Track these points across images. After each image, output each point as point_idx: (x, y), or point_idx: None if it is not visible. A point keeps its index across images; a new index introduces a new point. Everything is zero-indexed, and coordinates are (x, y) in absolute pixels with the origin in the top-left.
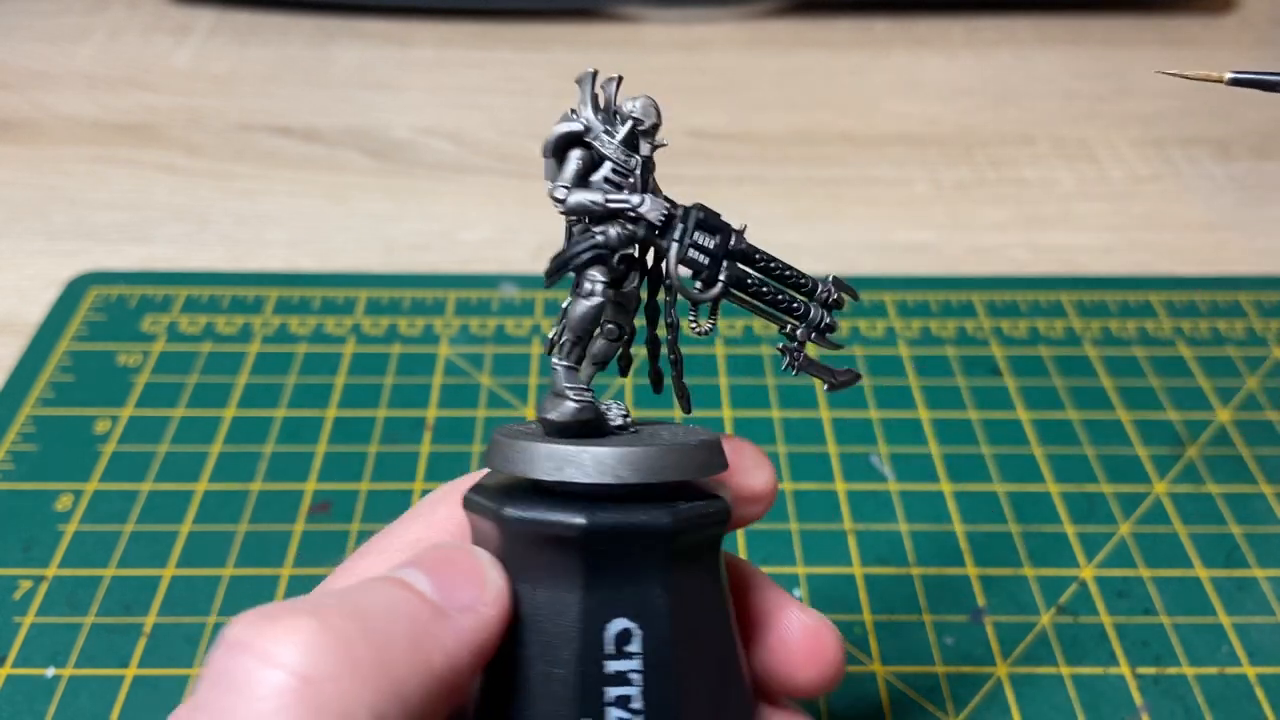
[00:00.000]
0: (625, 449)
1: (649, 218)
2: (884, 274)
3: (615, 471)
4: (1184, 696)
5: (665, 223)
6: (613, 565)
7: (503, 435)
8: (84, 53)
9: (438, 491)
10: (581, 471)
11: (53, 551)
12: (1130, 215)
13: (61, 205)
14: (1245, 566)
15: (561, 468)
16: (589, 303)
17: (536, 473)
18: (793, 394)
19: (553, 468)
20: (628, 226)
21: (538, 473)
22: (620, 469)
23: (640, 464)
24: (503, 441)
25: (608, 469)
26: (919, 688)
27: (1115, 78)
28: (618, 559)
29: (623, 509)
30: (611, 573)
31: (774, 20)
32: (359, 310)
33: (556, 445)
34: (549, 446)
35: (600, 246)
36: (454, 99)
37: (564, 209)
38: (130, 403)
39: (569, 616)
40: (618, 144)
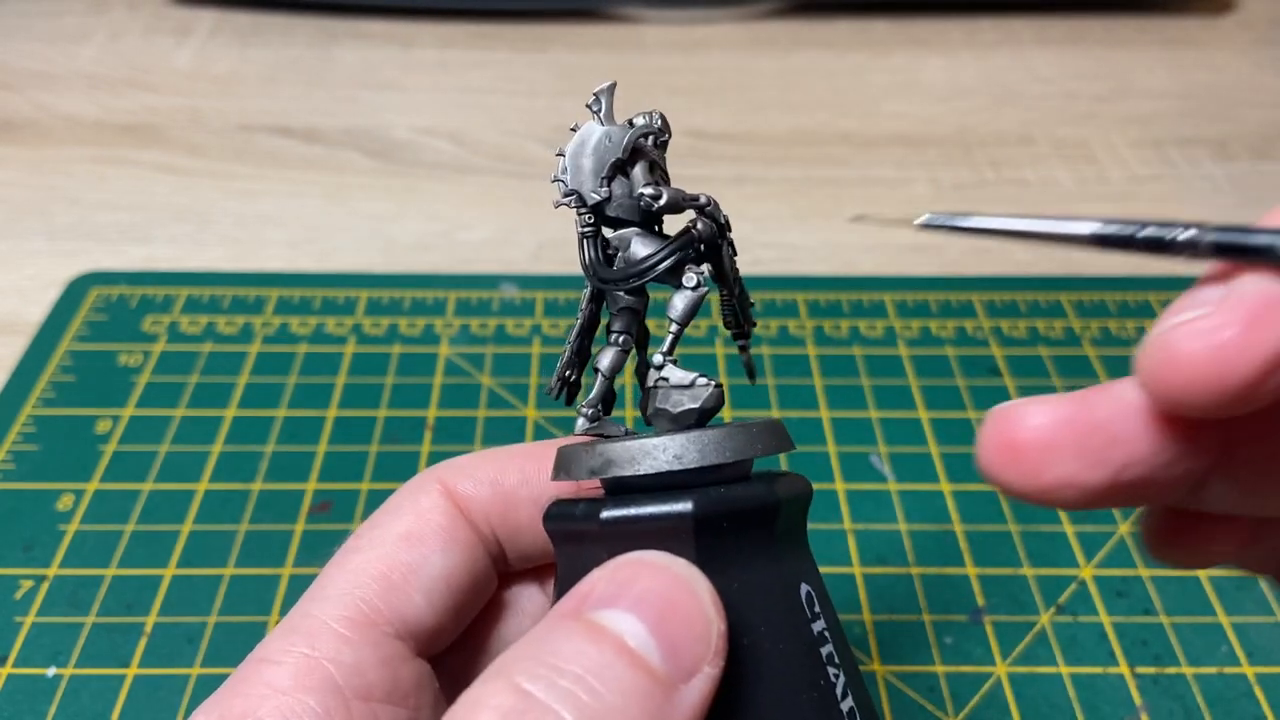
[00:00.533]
0: (729, 429)
1: (716, 215)
2: (884, 274)
3: (746, 448)
4: (1183, 696)
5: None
6: (785, 534)
7: (588, 440)
8: (85, 53)
9: (414, 482)
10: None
11: (54, 551)
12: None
13: (63, 205)
14: None
15: (722, 450)
16: (698, 293)
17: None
18: (793, 394)
19: (713, 452)
20: (709, 221)
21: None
22: (752, 445)
23: (759, 440)
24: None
25: (745, 445)
26: (919, 687)
27: (1114, 78)
28: (788, 528)
29: (772, 480)
30: (786, 541)
31: (774, 20)
32: (359, 310)
33: (700, 432)
34: (694, 434)
35: (696, 240)
36: (454, 99)
37: (663, 204)
38: (131, 403)
39: (775, 592)
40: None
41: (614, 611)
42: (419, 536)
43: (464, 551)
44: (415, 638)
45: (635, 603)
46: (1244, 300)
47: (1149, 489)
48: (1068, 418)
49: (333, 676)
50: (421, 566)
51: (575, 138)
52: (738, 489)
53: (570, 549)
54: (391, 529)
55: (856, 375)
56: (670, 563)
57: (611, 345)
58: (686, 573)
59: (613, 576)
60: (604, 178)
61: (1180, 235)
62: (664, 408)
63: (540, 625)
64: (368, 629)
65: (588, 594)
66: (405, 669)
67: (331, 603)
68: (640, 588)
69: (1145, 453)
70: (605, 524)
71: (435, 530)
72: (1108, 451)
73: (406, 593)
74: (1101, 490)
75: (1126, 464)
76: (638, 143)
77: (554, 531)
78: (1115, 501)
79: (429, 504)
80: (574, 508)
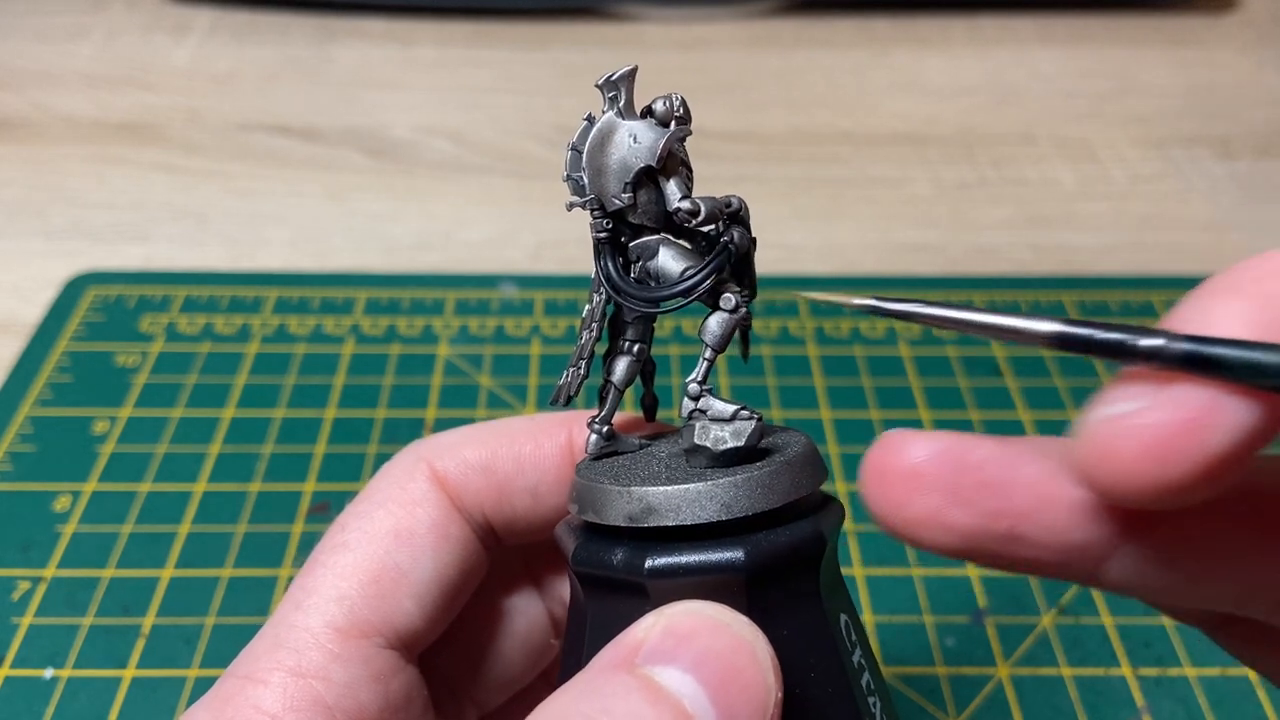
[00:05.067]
0: (776, 470)
1: (747, 219)
2: (884, 274)
3: (793, 490)
4: (1185, 698)
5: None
6: (826, 567)
7: (646, 485)
8: (83, 52)
9: (399, 465)
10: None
11: (51, 552)
12: (1131, 215)
13: (60, 205)
14: None
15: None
16: (736, 315)
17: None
18: (793, 394)
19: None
20: (744, 230)
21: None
22: (797, 485)
23: (803, 477)
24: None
25: (792, 487)
26: (920, 689)
27: (1117, 77)
28: (828, 559)
29: (817, 515)
30: (827, 574)
31: (774, 19)
32: (358, 310)
33: (747, 477)
34: (741, 479)
35: (732, 255)
36: (454, 98)
37: (701, 220)
38: (129, 403)
39: (822, 634)
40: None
41: (672, 670)
42: (409, 533)
43: (456, 548)
44: (406, 645)
45: (695, 664)
46: (1186, 397)
47: (1028, 550)
48: (943, 452)
49: (322, 698)
50: (413, 569)
51: (593, 133)
52: (787, 532)
53: (604, 593)
54: (380, 523)
55: (857, 375)
56: (731, 621)
57: (625, 354)
58: (749, 635)
59: (669, 628)
60: (629, 184)
61: (1143, 341)
62: (704, 444)
63: (591, 673)
64: (358, 642)
65: (640, 644)
66: (396, 682)
67: (318, 611)
68: (700, 646)
69: (1022, 508)
70: (651, 574)
71: (427, 527)
72: (977, 495)
73: (397, 599)
74: (968, 534)
75: (998, 513)
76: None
77: (585, 575)
78: (989, 555)
79: (419, 493)
80: (610, 553)
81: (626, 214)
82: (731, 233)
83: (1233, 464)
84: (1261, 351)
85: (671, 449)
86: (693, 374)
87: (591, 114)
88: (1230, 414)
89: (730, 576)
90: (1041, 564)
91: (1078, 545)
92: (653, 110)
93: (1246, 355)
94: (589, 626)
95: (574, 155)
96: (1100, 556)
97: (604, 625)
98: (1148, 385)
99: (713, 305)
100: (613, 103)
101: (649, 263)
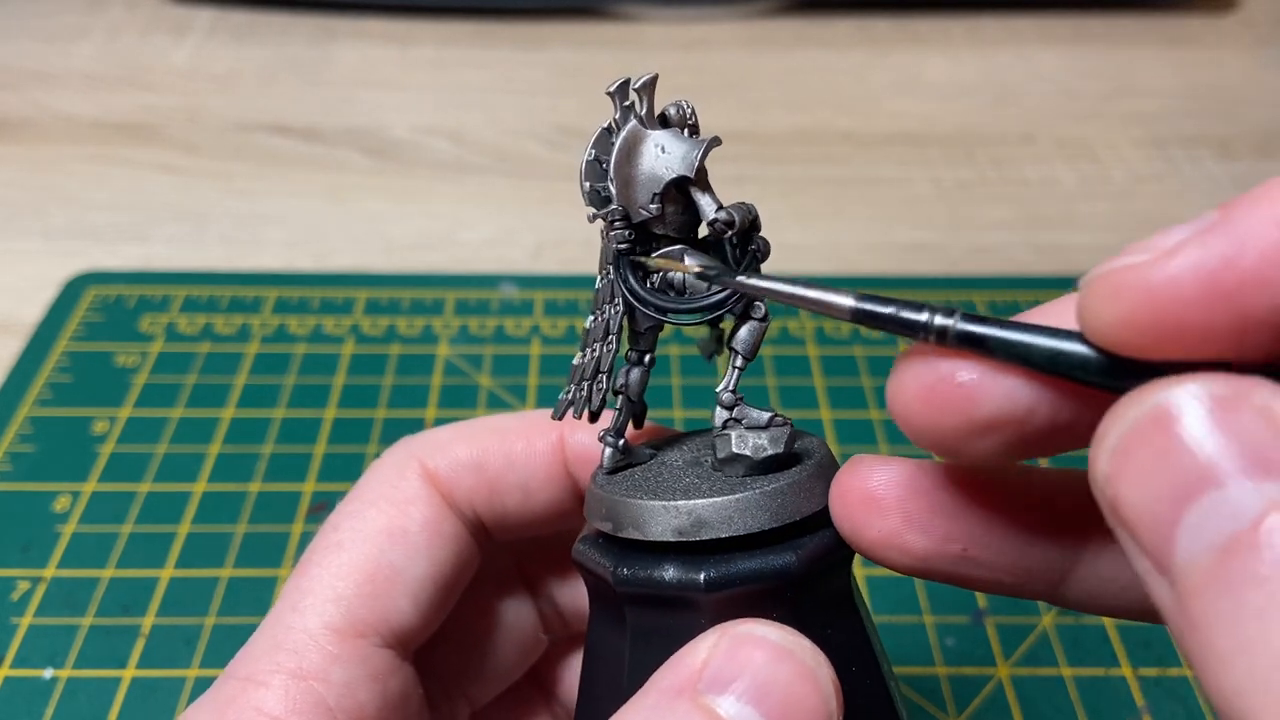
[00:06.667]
0: (812, 474)
1: (760, 225)
2: (885, 274)
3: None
4: (1185, 698)
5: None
6: (853, 575)
7: (693, 499)
8: (82, 52)
9: (390, 462)
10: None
11: (51, 552)
12: (1132, 215)
13: (59, 205)
14: None
15: (813, 498)
16: (764, 324)
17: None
18: (793, 394)
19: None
20: (763, 237)
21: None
22: (826, 490)
23: (828, 482)
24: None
25: (828, 486)
26: (920, 689)
27: (1117, 77)
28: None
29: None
30: (853, 582)
31: (774, 19)
32: (358, 310)
33: (790, 483)
34: (783, 485)
35: (760, 263)
36: (453, 98)
37: (736, 230)
38: (128, 403)
39: (859, 629)
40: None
41: (733, 700)
42: (403, 532)
43: (449, 545)
44: (402, 643)
45: (757, 694)
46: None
47: (985, 572)
48: (899, 479)
49: (323, 699)
50: (407, 567)
51: (619, 143)
52: (828, 534)
53: (648, 609)
54: (373, 522)
55: (857, 375)
56: (794, 647)
57: (638, 365)
58: (811, 660)
59: (730, 654)
60: (658, 194)
61: (936, 320)
62: (742, 453)
63: (649, 697)
64: (355, 642)
65: (700, 670)
66: (393, 680)
67: (315, 611)
68: (762, 675)
69: (969, 532)
70: (709, 586)
71: (420, 525)
72: (931, 519)
73: (393, 597)
74: (924, 557)
75: (950, 537)
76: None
77: (632, 595)
78: (948, 575)
79: (411, 491)
80: (658, 569)
81: (651, 225)
82: (757, 241)
83: (1000, 425)
84: (1019, 332)
85: (685, 457)
86: (724, 383)
87: (611, 123)
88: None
89: (782, 582)
90: (999, 584)
91: (1031, 567)
92: (667, 117)
93: (1005, 336)
94: (631, 640)
95: (593, 166)
96: (1056, 577)
97: (651, 640)
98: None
99: (744, 315)
100: (628, 111)
101: (670, 273)
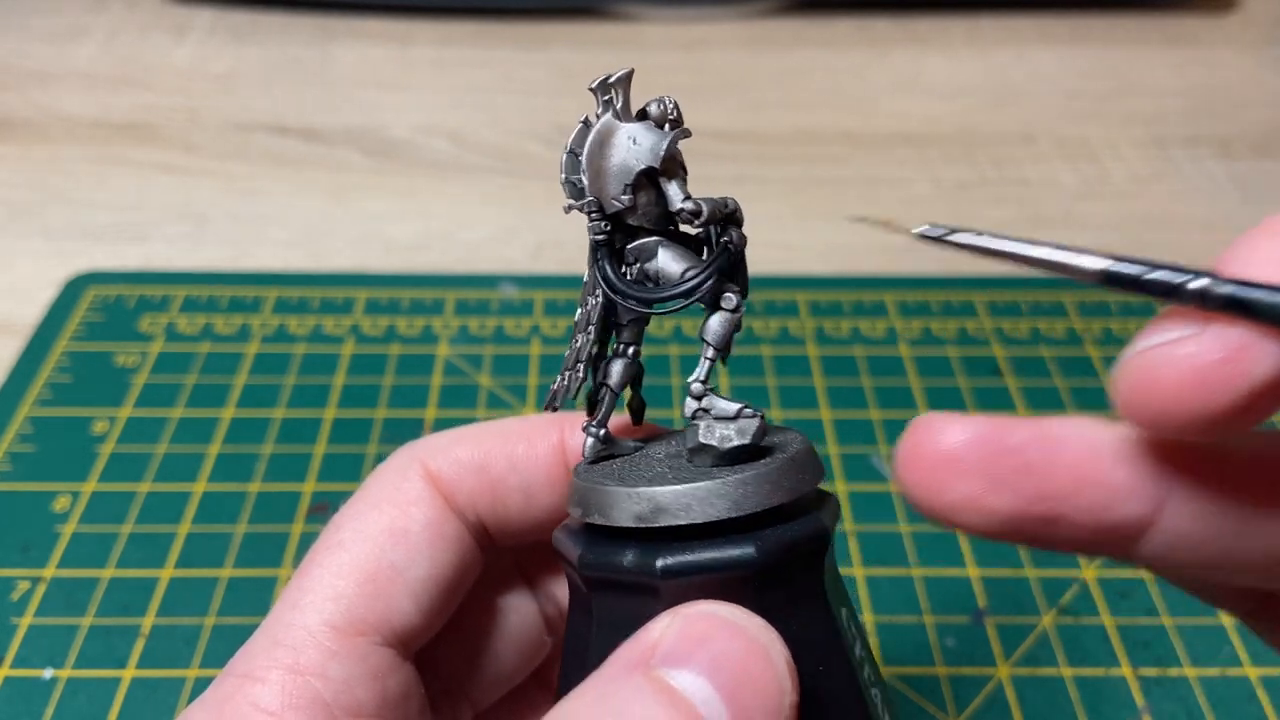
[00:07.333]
0: (782, 467)
1: (740, 219)
2: (885, 274)
3: (800, 485)
4: (1185, 698)
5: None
6: (829, 563)
7: (653, 485)
8: (82, 52)
9: (393, 465)
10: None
11: (51, 552)
12: (1132, 215)
13: (59, 205)
14: None
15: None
16: (737, 315)
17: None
18: (793, 394)
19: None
20: (740, 231)
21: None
22: (803, 480)
23: (806, 472)
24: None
25: (799, 482)
26: (920, 689)
27: (1117, 77)
28: (830, 554)
29: (819, 507)
30: (829, 569)
31: (774, 19)
32: (358, 310)
33: (755, 474)
34: (748, 476)
35: (733, 255)
36: (453, 98)
37: (704, 220)
38: (128, 403)
39: (827, 628)
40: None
41: (686, 673)
42: (404, 532)
43: (451, 547)
44: (402, 642)
45: (710, 667)
46: (1227, 333)
47: (1067, 531)
48: (981, 437)
49: (320, 695)
50: (408, 567)
51: (592, 135)
52: (794, 528)
53: (612, 595)
54: (375, 523)
55: (857, 375)
56: (747, 624)
57: (620, 357)
58: (764, 637)
59: (684, 630)
60: (629, 185)
61: (1191, 284)
62: (709, 443)
63: (604, 674)
64: (354, 639)
65: (655, 645)
66: (393, 679)
67: (315, 609)
68: (716, 649)
69: (1062, 490)
70: (664, 573)
71: (422, 526)
72: (1018, 479)
73: (393, 596)
74: (1008, 519)
75: (1038, 497)
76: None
77: (594, 579)
78: (1028, 536)
79: (413, 493)
80: (619, 555)
81: (625, 216)
82: (730, 233)
83: (1269, 399)
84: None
85: (669, 450)
86: (695, 374)
87: (588, 117)
88: (1267, 352)
89: (741, 573)
90: (1078, 542)
91: (1115, 523)
92: (647, 113)
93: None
94: (595, 627)
95: (571, 158)
96: (1137, 533)
97: (613, 626)
98: (1191, 320)
99: (714, 306)
100: (608, 105)
101: (647, 264)
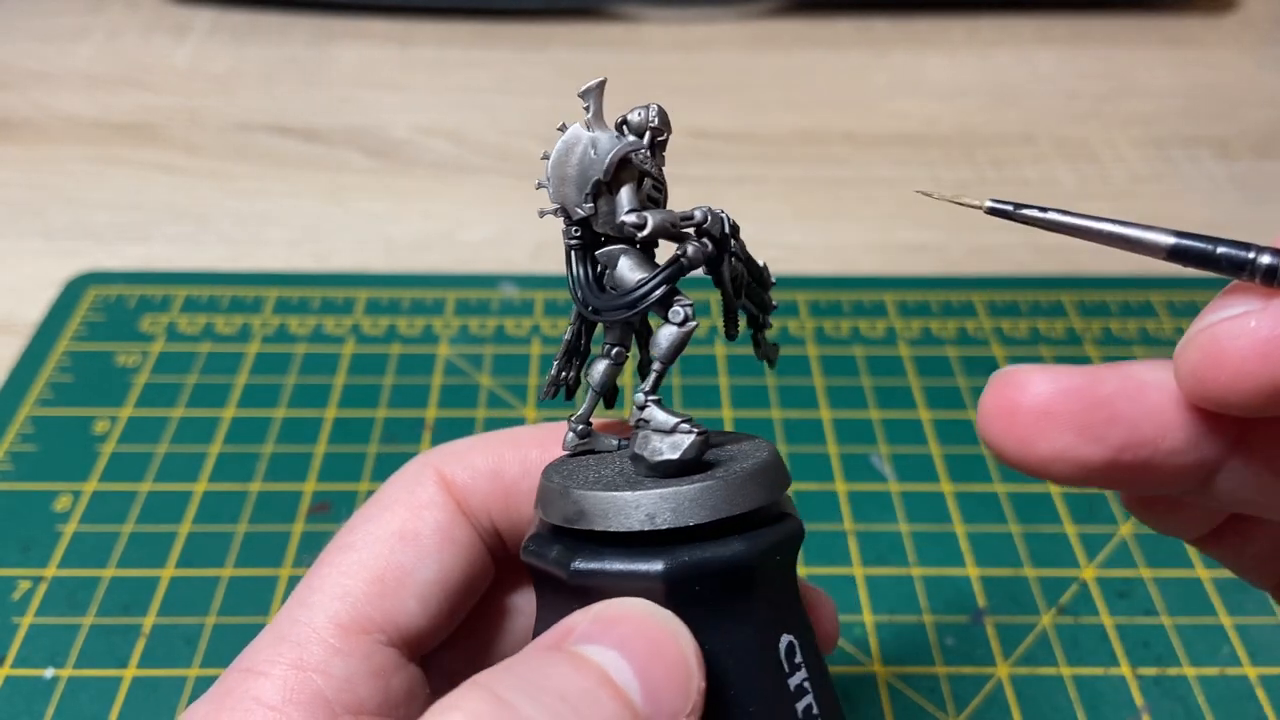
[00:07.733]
0: (708, 486)
1: (713, 231)
2: (884, 274)
3: (724, 507)
4: (1185, 697)
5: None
6: (765, 586)
7: (583, 489)
8: (83, 52)
9: (409, 471)
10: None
11: (52, 552)
12: (1131, 215)
13: (60, 205)
14: None
15: (698, 510)
16: (684, 329)
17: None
18: (793, 394)
19: (688, 513)
20: (704, 242)
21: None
22: (730, 502)
23: (739, 495)
24: (594, 497)
25: (724, 504)
26: (919, 688)
27: (1116, 77)
28: (768, 579)
29: (752, 535)
30: (765, 593)
31: (774, 20)
32: (358, 310)
33: (676, 490)
34: (669, 492)
35: (685, 269)
36: (453, 98)
37: (647, 234)
38: (129, 403)
39: (749, 650)
40: (652, 158)
41: (598, 647)
42: (415, 535)
43: (461, 552)
44: (408, 644)
45: (620, 642)
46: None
47: (1152, 475)
48: (1071, 388)
49: (322, 691)
50: (417, 569)
51: (560, 142)
52: (710, 550)
53: (545, 588)
54: (386, 525)
55: (857, 375)
56: (655, 612)
57: (603, 358)
58: (672, 625)
59: (598, 615)
60: (588, 194)
61: (1261, 258)
62: (642, 454)
63: (519, 654)
64: (359, 638)
65: (570, 630)
66: (397, 679)
67: (321, 608)
68: (626, 629)
69: (1150, 436)
70: (575, 574)
71: (432, 529)
72: (1108, 429)
73: (400, 597)
74: (1099, 468)
75: (1128, 445)
76: (626, 157)
77: (529, 566)
78: (1114, 483)
79: (426, 497)
80: (549, 549)
81: (592, 223)
82: (686, 246)
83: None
84: None
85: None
86: (644, 383)
87: (564, 123)
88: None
89: (649, 585)
90: (1160, 484)
91: (1195, 463)
92: (628, 121)
93: None
94: (537, 615)
95: (548, 164)
96: (1210, 472)
97: (544, 620)
98: (1256, 296)
99: (663, 318)
100: (588, 113)
101: (611, 272)
